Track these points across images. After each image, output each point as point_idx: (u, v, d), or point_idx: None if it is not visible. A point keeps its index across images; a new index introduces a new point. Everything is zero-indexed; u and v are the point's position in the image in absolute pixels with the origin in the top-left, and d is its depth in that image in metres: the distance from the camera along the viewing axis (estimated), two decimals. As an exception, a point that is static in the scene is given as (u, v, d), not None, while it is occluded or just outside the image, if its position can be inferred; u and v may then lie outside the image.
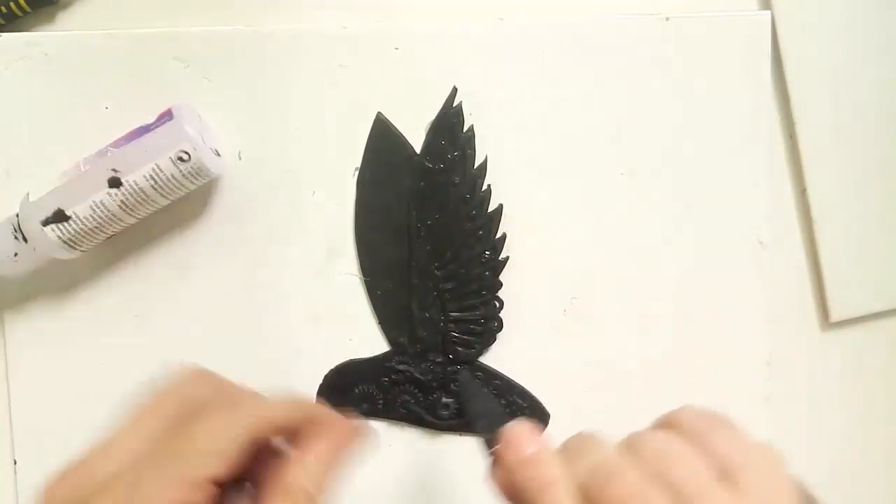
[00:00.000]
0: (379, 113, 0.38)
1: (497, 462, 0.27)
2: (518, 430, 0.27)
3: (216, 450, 0.25)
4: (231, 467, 0.26)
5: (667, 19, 0.38)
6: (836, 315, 0.40)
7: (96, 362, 0.38)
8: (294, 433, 0.28)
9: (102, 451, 0.27)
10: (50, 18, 0.39)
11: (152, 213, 0.36)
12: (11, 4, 0.37)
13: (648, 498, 0.24)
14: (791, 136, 0.39)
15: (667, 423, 0.27)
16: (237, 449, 0.26)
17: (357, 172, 0.38)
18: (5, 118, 0.38)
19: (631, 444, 0.26)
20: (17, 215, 0.35)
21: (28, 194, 0.35)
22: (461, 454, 0.39)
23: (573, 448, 0.27)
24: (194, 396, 0.28)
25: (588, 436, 0.27)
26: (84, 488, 0.25)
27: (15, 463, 0.38)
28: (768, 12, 0.38)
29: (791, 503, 0.25)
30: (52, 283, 0.38)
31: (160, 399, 0.28)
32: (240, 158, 0.38)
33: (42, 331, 0.38)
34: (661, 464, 0.25)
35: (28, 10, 0.38)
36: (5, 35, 0.37)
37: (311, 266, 0.38)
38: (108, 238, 0.36)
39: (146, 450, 0.26)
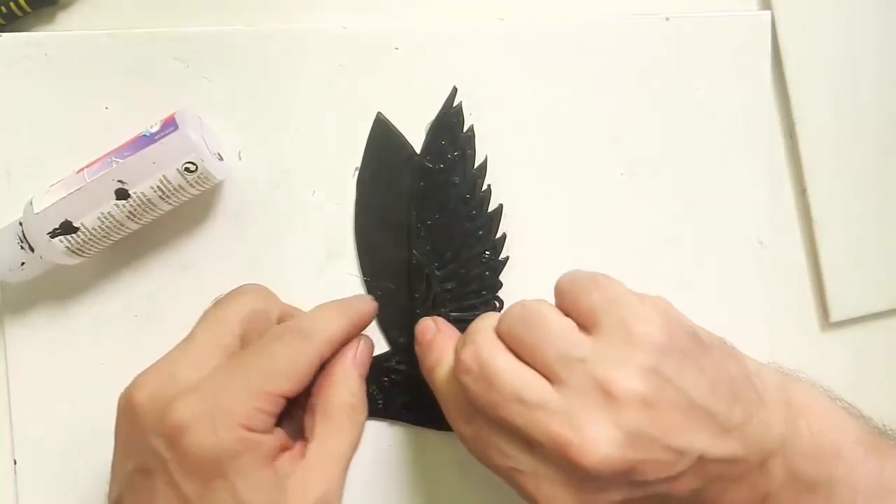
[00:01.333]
0: (379, 113, 0.38)
1: None
2: (422, 325, 0.34)
3: (292, 371, 0.30)
4: (302, 387, 0.30)
5: (667, 19, 0.38)
6: (836, 315, 0.39)
7: (96, 362, 0.38)
8: None
9: (183, 355, 0.30)
10: (50, 18, 0.39)
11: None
12: (11, 4, 0.37)
13: (491, 356, 0.28)
14: (791, 136, 0.39)
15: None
16: (310, 372, 0.30)
17: (357, 172, 0.38)
18: (5, 118, 0.38)
19: (501, 316, 0.30)
20: (21, 224, 0.35)
21: (31, 202, 0.35)
22: (461, 454, 0.39)
23: (467, 330, 0.30)
24: (257, 310, 0.32)
25: (482, 316, 0.31)
26: (167, 389, 0.28)
27: (15, 463, 0.38)
28: (768, 12, 0.38)
29: (656, 331, 0.27)
30: (52, 283, 0.38)
31: (230, 311, 0.31)
32: (240, 158, 0.38)
33: (42, 330, 0.38)
34: (520, 326, 0.28)
35: (28, 10, 0.38)
36: (5, 35, 0.37)
37: (311, 266, 0.38)
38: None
39: (224, 360, 0.30)
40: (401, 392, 0.38)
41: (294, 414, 0.32)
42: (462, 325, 0.38)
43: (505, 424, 0.27)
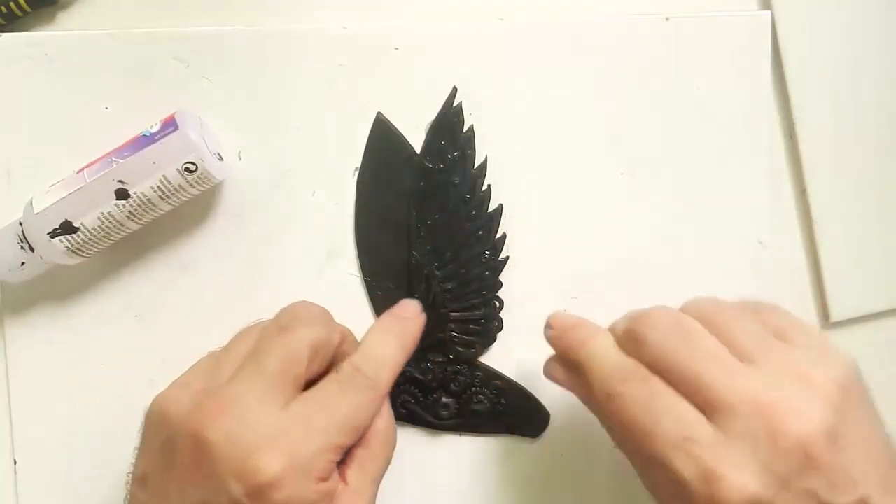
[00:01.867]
0: (379, 113, 0.38)
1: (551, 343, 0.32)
2: (558, 313, 0.33)
3: (363, 426, 0.31)
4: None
5: (667, 19, 0.38)
6: (836, 315, 0.39)
7: (96, 362, 0.38)
8: None
9: (252, 390, 0.29)
10: (50, 18, 0.39)
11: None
12: (11, 4, 0.37)
13: (687, 324, 0.28)
14: (791, 136, 0.39)
15: None
16: (373, 419, 0.32)
17: (357, 172, 0.38)
18: (5, 118, 0.38)
19: (683, 305, 0.30)
20: (21, 224, 0.35)
21: (31, 202, 0.35)
22: (461, 454, 0.39)
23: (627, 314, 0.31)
24: (322, 339, 0.31)
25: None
26: (246, 434, 0.28)
27: (15, 463, 0.38)
28: (768, 12, 0.38)
29: (843, 361, 0.27)
30: (52, 282, 0.38)
31: (299, 341, 0.31)
32: (240, 158, 0.38)
33: (42, 330, 0.38)
34: (710, 315, 0.29)
35: (28, 10, 0.38)
36: (5, 35, 0.37)
37: (311, 266, 0.38)
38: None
39: (293, 392, 0.30)
40: (401, 392, 0.38)
41: None
42: (462, 325, 0.38)
43: (698, 381, 0.27)
